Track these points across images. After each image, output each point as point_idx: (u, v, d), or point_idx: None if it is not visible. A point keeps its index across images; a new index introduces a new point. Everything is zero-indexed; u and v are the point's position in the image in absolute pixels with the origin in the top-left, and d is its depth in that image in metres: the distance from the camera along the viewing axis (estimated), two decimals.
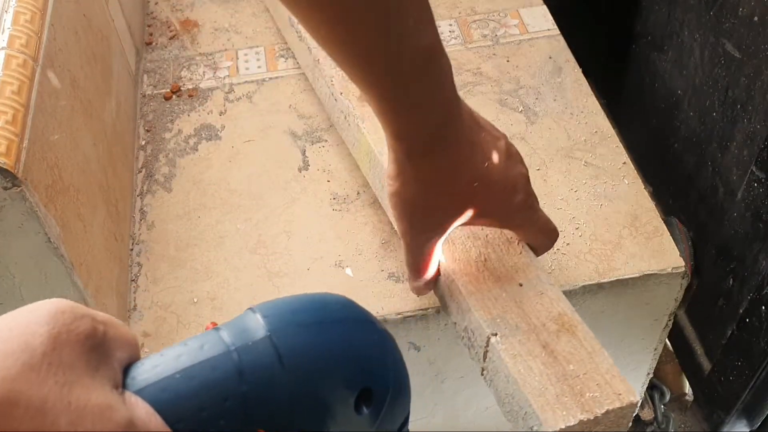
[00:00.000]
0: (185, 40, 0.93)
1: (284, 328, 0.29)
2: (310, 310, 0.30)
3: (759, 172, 0.79)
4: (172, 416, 0.26)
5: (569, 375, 0.50)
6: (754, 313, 0.83)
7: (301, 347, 0.29)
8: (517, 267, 0.58)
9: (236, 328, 0.29)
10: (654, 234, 0.71)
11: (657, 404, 0.98)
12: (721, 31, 0.84)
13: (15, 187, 0.48)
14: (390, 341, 0.33)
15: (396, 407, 0.32)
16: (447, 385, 0.76)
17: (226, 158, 0.79)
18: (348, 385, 0.30)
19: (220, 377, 0.27)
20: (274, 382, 0.28)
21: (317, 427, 0.29)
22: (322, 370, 0.29)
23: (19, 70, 0.53)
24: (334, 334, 0.30)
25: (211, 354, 0.28)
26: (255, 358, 0.28)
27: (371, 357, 0.31)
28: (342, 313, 0.31)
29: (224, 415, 0.27)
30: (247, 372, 0.27)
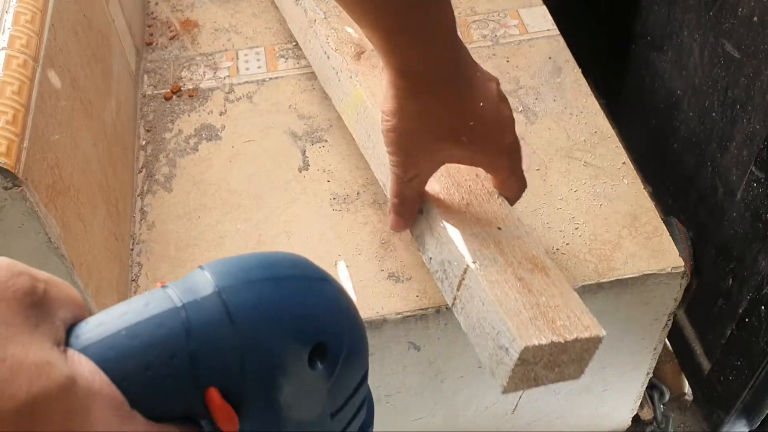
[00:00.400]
0: (185, 40, 0.93)
1: (234, 284, 0.28)
2: (261, 266, 0.30)
3: (758, 172, 0.80)
4: (118, 374, 0.25)
5: (542, 305, 0.53)
6: (753, 313, 0.83)
7: (251, 302, 0.28)
8: (497, 215, 0.60)
9: (184, 285, 0.28)
10: (653, 234, 0.71)
11: (656, 404, 0.98)
12: (721, 32, 0.85)
13: (15, 187, 0.48)
14: (345, 299, 0.33)
15: (352, 364, 0.32)
16: (447, 385, 0.76)
17: (227, 158, 0.79)
18: (300, 339, 0.29)
19: (167, 334, 0.27)
20: (224, 339, 0.27)
21: (270, 383, 0.28)
22: (273, 325, 0.28)
23: (20, 71, 0.53)
24: (285, 289, 0.30)
25: (157, 311, 0.27)
26: (203, 314, 0.27)
27: (324, 312, 0.31)
28: (294, 270, 0.31)
29: (172, 373, 0.26)
30: (194, 328, 0.27)
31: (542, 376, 0.53)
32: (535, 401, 0.83)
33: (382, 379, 0.73)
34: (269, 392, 0.29)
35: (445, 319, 0.68)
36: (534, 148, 0.78)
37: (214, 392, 0.27)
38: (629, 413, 0.92)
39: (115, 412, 0.25)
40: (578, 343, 0.52)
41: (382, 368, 0.72)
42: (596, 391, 0.84)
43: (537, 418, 0.86)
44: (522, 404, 0.83)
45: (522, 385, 0.53)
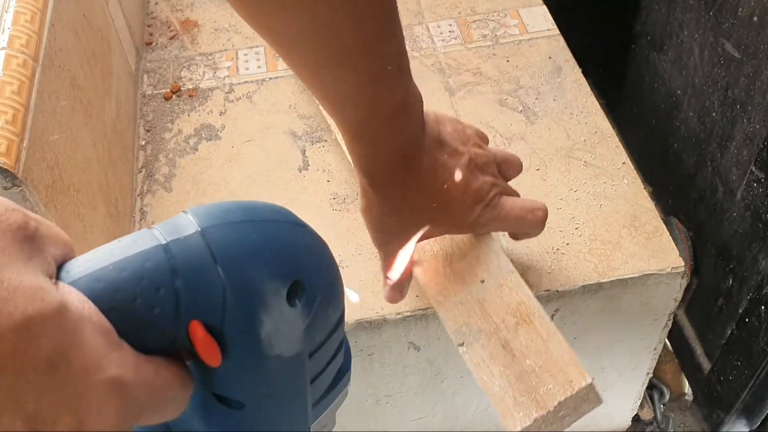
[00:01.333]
0: (185, 40, 0.93)
1: (215, 224, 0.30)
2: (241, 210, 0.31)
3: (758, 171, 0.80)
4: (106, 305, 0.27)
5: (526, 371, 0.55)
6: (753, 313, 0.83)
7: (232, 241, 0.30)
8: (480, 259, 0.62)
9: (169, 225, 0.30)
10: (653, 234, 0.71)
11: (657, 404, 0.98)
12: (721, 31, 0.85)
13: (15, 187, 0.48)
14: (321, 244, 0.34)
15: (327, 307, 0.34)
16: (447, 385, 0.76)
17: (226, 158, 0.79)
18: (279, 276, 0.31)
19: (153, 267, 0.28)
20: (206, 275, 0.29)
21: (251, 318, 0.30)
22: (252, 263, 0.30)
23: (19, 70, 0.53)
24: (264, 230, 0.31)
25: (144, 247, 0.29)
26: (186, 251, 0.29)
27: (301, 252, 0.33)
28: (272, 215, 0.32)
29: (157, 305, 0.28)
30: (179, 264, 0.28)
31: (556, 428, 0.55)
32: None
33: (382, 379, 0.73)
34: (250, 327, 0.30)
35: None
36: (534, 148, 0.78)
37: (198, 325, 0.28)
38: (629, 413, 0.92)
39: (104, 338, 0.26)
40: (566, 402, 0.54)
41: (382, 368, 0.72)
42: None
43: None
44: None
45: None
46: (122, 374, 0.26)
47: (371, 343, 0.68)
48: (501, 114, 0.82)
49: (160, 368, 0.28)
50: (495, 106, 0.82)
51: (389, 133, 0.51)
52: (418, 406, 0.79)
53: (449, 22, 0.92)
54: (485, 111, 0.82)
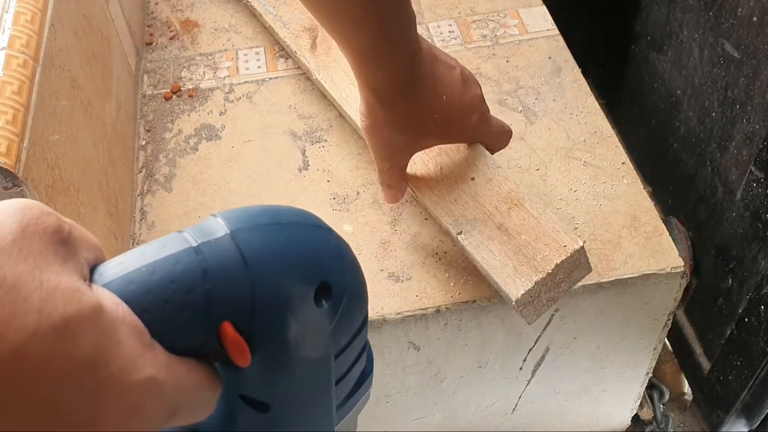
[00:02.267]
0: (185, 40, 0.93)
1: (244, 227, 0.30)
2: (268, 213, 0.32)
3: (758, 171, 0.80)
4: (138, 307, 0.27)
5: (522, 245, 0.61)
6: (753, 313, 0.83)
7: (261, 244, 0.30)
8: (468, 162, 0.67)
9: (199, 229, 0.30)
10: (653, 234, 0.71)
11: (656, 404, 0.98)
12: (721, 31, 0.85)
13: (15, 187, 0.48)
14: (346, 247, 0.35)
15: (353, 307, 0.34)
16: (446, 385, 0.76)
17: (226, 158, 0.79)
18: (306, 278, 0.31)
19: (183, 270, 0.28)
20: (237, 277, 0.29)
21: (279, 319, 0.30)
22: (281, 265, 0.30)
23: (20, 70, 0.53)
24: (291, 233, 0.32)
25: (175, 250, 0.29)
26: (217, 253, 0.29)
27: (328, 255, 0.33)
28: (298, 218, 0.33)
29: (188, 307, 0.28)
30: (210, 267, 0.29)
31: (553, 296, 0.60)
32: (535, 401, 0.83)
33: (382, 379, 0.73)
34: (278, 328, 0.30)
35: (445, 319, 0.68)
36: (534, 148, 0.78)
37: (228, 325, 0.29)
38: (629, 413, 0.92)
39: (138, 339, 0.26)
40: (562, 265, 0.59)
41: (382, 368, 0.72)
42: (596, 391, 0.84)
43: (536, 418, 0.86)
44: (522, 404, 0.83)
45: (541, 311, 0.60)
46: (157, 374, 0.26)
47: (371, 343, 0.68)
48: (501, 114, 0.82)
49: (191, 369, 0.28)
50: (495, 106, 0.82)
51: (398, 51, 0.54)
52: (418, 406, 0.79)
53: (449, 23, 0.92)
54: None
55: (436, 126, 0.61)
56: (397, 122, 0.59)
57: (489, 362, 0.75)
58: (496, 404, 0.82)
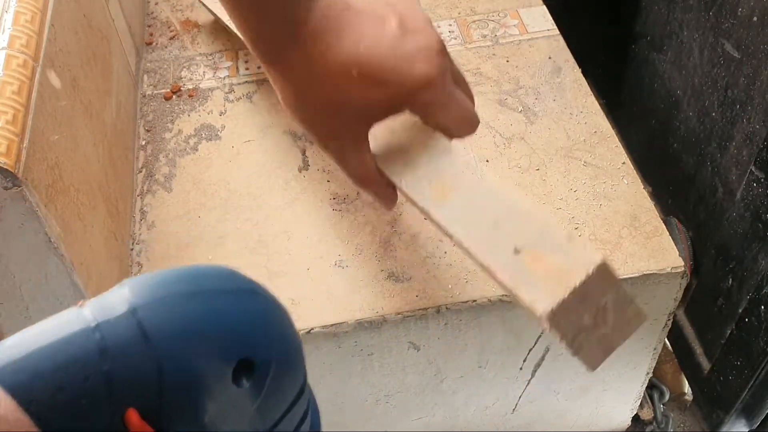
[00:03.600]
0: (185, 40, 0.93)
1: (151, 300, 0.27)
2: (183, 281, 0.29)
3: (758, 171, 0.80)
4: (26, 397, 0.25)
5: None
6: (753, 313, 0.83)
7: (169, 319, 0.27)
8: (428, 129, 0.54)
9: (100, 304, 0.28)
10: (653, 234, 0.71)
11: (656, 404, 0.98)
12: (721, 31, 0.85)
13: (15, 187, 0.48)
14: (277, 311, 0.31)
15: (284, 381, 0.31)
16: (446, 385, 0.76)
17: (226, 158, 0.79)
18: (223, 356, 0.28)
19: (79, 355, 0.26)
20: (139, 358, 0.26)
21: (192, 402, 0.27)
22: (192, 342, 0.27)
23: (20, 70, 0.53)
24: (206, 304, 0.29)
25: (70, 331, 0.26)
26: (117, 333, 0.26)
27: (250, 327, 0.30)
28: (217, 284, 0.30)
29: (86, 395, 0.26)
30: (109, 348, 0.26)
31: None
32: (535, 401, 0.83)
33: (382, 379, 0.73)
34: (191, 412, 0.28)
35: (445, 319, 0.68)
36: (534, 148, 0.78)
37: (133, 413, 0.26)
38: (629, 413, 0.92)
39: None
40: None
41: (382, 368, 0.72)
42: (596, 391, 0.84)
43: (536, 418, 0.86)
44: (522, 404, 0.83)
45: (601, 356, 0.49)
46: None
47: (371, 343, 0.68)
48: (501, 114, 0.82)
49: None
50: (495, 106, 0.82)
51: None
52: (418, 406, 0.79)
53: (449, 22, 0.92)
54: (485, 111, 0.82)
55: (361, 84, 0.47)
56: (294, 81, 0.48)
57: (489, 362, 0.75)
58: (496, 404, 0.82)
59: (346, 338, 0.67)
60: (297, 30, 0.46)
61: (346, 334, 0.66)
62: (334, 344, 0.67)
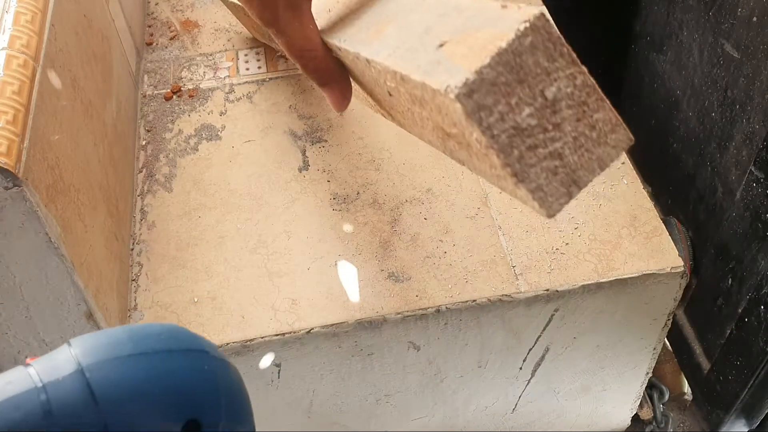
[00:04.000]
0: (186, 40, 0.93)
1: (99, 361, 0.27)
2: (131, 341, 0.29)
3: (758, 172, 0.80)
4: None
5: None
6: (753, 313, 0.83)
7: (117, 379, 0.27)
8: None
9: (47, 362, 0.27)
10: (653, 234, 0.71)
11: (656, 404, 0.98)
12: (720, 32, 0.85)
13: (15, 187, 0.48)
14: (225, 373, 0.31)
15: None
16: (446, 385, 0.76)
17: (227, 158, 0.79)
18: (170, 416, 0.28)
19: (24, 417, 0.25)
20: (86, 421, 0.26)
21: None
22: (139, 403, 0.27)
23: (20, 71, 0.53)
24: (154, 364, 0.28)
25: (15, 392, 0.26)
26: (64, 394, 0.26)
27: (198, 388, 0.30)
28: (167, 344, 0.29)
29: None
30: (54, 410, 0.26)
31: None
32: (535, 401, 0.83)
33: (382, 379, 0.73)
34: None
35: (445, 319, 0.68)
36: None
37: None
38: (629, 413, 0.92)
39: None
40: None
41: (382, 368, 0.72)
42: (595, 390, 0.84)
43: (536, 418, 0.86)
44: (521, 404, 0.83)
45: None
46: None
47: (371, 343, 0.68)
48: None
49: None
50: None
51: None
52: (418, 406, 0.79)
53: None
54: None
55: None
56: None
57: (489, 362, 0.75)
58: (495, 404, 0.82)
59: (346, 338, 0.67)
60: None
61: (346, 334, 0.66)
62: (334, 344, 0.67)
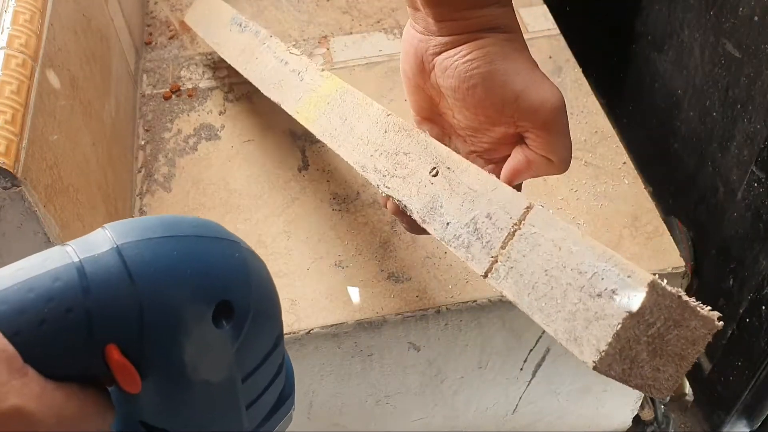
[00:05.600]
0: (185, 39, 0.93)
1: (134, 241, 0.28)
2: (164, 225, 0.29)
3: (759, 171, 0.79)
4: (10, 328, 0.25)
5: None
6: (754, 313, 0.83)
7: (151, 259, 0.28)
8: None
9: (84, 242, 0.28)
10: (654, 234, 0.71)
11: (657, 404, 0.98)
12: (721, 31, 0.84)
13: (14, 187, 0.48)
14: (254, 261, 0.32)
15: (261, 329, 0.31)
16: (447, 385, 0.76)
17: (226, 158, 0.79)
18: (203, 297, 0.29)
19: (62, 288, 0.26)
20: (121, 294, 0.27)
21: (171, 341, 0.28)
22: (173, 282, 0.28)
23: (19, 70, 0.52)
24: (187, 247, 0.29)
25: (54, 266, 0.27)
26: (100, 269, 0.27)
27: (230, 272, 0.30)
28: (197, 230, 0.30)
29: (68, 328, 0.26)
30: (92, 284, 0.27)
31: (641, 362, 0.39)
32: (536, 402, 0.83)
33: (382, 380, 0.73)
34: (171, 351, 0.28)
35: (445, 320, 0.67)
36: None
37: (113, 348, 0.27)
38: (630, 414, 0.92)
39: (5, 366, 0.24)
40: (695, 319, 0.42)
41: (382, 368, 0.72)
42: (596, 391, 0.84)
43: (537, 418, 0.86)
44: (522, 405, 0.83)
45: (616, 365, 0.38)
46: (24, 404, 0.24)
47: (371, 343, 0.68)
48: None
49: (72, 396, 0.26)
50: None
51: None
52: (418, 407, 0.79)
53: None
54: None
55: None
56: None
57: (489, 363, 0.74)
58: (496, 405, 0.81)
59: (346, 338, 0.66)
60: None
61: (346, 335, 0.66)
62: (334, 344, 0.67)
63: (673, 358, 0.42)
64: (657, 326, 0.39)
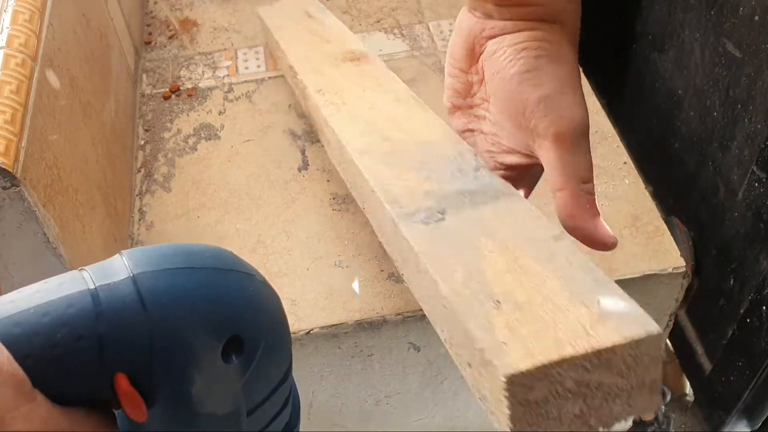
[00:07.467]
0: (184, 39, 0.93)
1: (149, 270, 0.28)
2: (180, 255, 0.30)
3: (760, 171, 0.79)
4: (22, 351, 0.26)
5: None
6: (754, 313, 0.83)
7: (165, 289, 0.28)
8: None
9: (100, 269, 0.28)
10: (655, 234, 0.71)
11: None
12: (722, 31, 0.84)
13: (14, 186, 0.48)
14: (267, 294, 0.32)
15: (270, 361, 0.31)
16: (447, 386, 0.76)
17: (226, 158, 0.79)
18: (214, 330, 0.29)
19: (76, 314, 0.27)
20: (134, 324, 0.27)
21: (180, 373, 0.28)
22: (185, 314, 0.28)
23: (18, 70, 0.52)
24: (201, 279, 0.29)
25: (69, 291, 0.27)
26: (115, 298, 0.27)
27: (241, 305, 0.30)
28: (213, 261, 0.30)
29: (78, 354, 0.26)
30: (105, 311, 0.27)
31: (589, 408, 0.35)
32: None
33: (382, 380, 0.73)
34: (179, 382, 0.28)
35: None
36: None
37: (122, 378, 0.27)
38: None
39: (13, 391, 0.24)
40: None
41: (382, 369, 0.71)
42: None
43: None
44: None
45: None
46: (30, 429, 0.24)
47: (371, 344, 0.68)
48: None
49: (78, 421, 0.27)
50: None
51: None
52: (418, 407, 0.79)
53: (449, 21, 0.92)
54: None
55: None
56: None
57: None
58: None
59: (346, 339, 0.66)
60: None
61: (346, 335, 0.66)
62: (334, 345, 0.67)
63: (629, 391, 0.37)
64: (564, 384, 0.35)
